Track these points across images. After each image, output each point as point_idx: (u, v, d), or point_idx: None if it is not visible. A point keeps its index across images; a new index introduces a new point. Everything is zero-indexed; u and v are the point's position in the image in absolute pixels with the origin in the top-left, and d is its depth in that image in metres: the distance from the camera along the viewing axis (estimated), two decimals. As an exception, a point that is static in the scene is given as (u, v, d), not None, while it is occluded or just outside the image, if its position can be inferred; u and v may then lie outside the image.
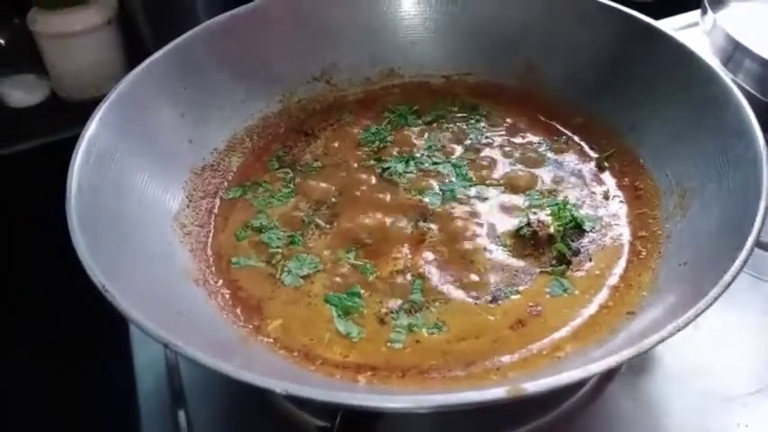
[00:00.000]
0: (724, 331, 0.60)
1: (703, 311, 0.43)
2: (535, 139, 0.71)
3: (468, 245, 0.61)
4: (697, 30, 0.88)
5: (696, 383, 0.57)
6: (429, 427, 0.57)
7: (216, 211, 0.66)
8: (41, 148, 0.98)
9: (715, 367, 0.58)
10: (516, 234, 0.61)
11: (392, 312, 0.56)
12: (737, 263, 0.46)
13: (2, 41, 1.04)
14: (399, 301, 0.57)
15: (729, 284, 0.45)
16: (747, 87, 0.79)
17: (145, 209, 0.60)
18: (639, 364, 0.59)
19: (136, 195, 0.60)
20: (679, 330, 0.42)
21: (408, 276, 0.58)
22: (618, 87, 0.69)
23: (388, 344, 0.54)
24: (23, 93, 1.05)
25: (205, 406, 0.59)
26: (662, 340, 0.42)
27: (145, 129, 0.63)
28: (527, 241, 0.60)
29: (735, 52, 0.82)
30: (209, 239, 0.63)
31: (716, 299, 0.44)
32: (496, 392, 0.40)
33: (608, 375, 0.58)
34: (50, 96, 1.06)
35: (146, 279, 0.53)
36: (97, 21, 1.00)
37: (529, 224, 0.61)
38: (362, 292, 0.57)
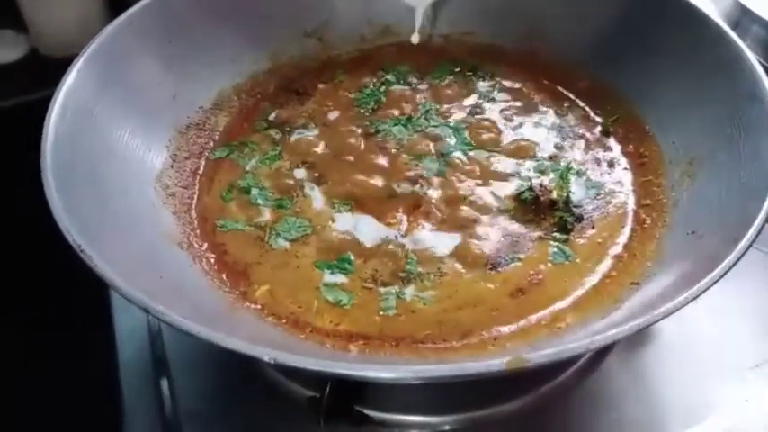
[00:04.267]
0: (725, 304, 0.58)
1: (715, 283, 0.41)
2: (538, 102, 0.69)
3: (466, 210, 0.58)
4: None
5: (696, 357, 0.56)
6: (421, 398, 0.55)
7: (201, 171, 0.63)
8: (21, 106, 0.94)
9: (715, 341, 0.57)
10: (517, 198, 0.59)
11: (385, 280, 0.54)
12: (750, 234, 0.44)
13: (-22, -6, 0.99)
14: (393, 269, 0.54)
15: (740, 258, 0.43)
16: (755, 54, 0.76)
17: (126, 168, 0.57)
18: (638, 337, 0.57)
19: (116, 154, 0.57)
20: (689, 302, 0.40)
21: (403, 242, 0.56)
22: (624, 51, 0.66)
23: (381, 312, 0.52)
24: (1, 50, 1.01)
25: (189, 374, 0.57)
26: (670, 313, 0.40)
27: (126, 83, 0.60)
28: (528, 206, 0.58)
29: (742, 18, 0.80)
30: (194, 201, 0.61)
31: (724, 273, 0.42)
32: (495, 364, 0.38)
33: (606, 348, 0.56)
34: (30, 53, 1.02)
35: (126, 242, 0.51)
36: (78, -27, 0.96)
37: (531, 188, 0.59)
38: (353, 258, 0.55)
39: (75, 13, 0.97)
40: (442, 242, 0.56)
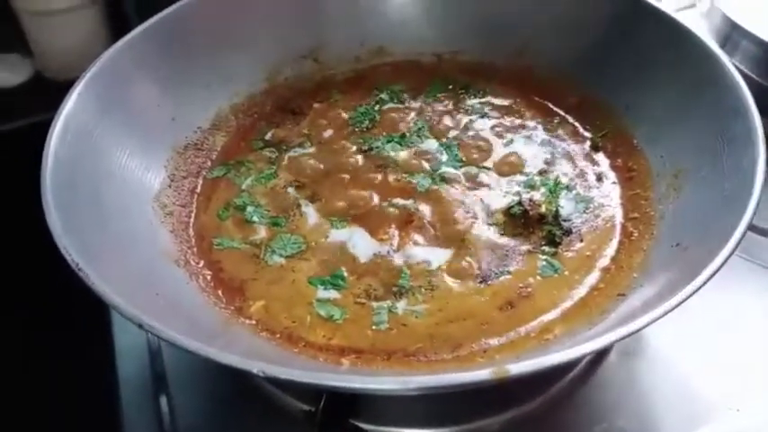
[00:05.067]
0: (716, 315, 0.59)
1: (693, 293, 0.42)
2: (528, 118, 0.70)
3: (457, 225, 0.59)
4: (694, 11, 0.86)
5: (686, 368, 0.57)
6: (415, 412, 0.56)
7: (198, 190, 0.64)
8: (25, 128, 0.96)
9: (706, 351, 0.58)
10: (507, 212, 0.60)
11: (377, 295, 0.55)
12: (730, 244, 0.44)
13: (-16, 20, 1.02)
14: (385, 284, 0.55)
15: (721, 267, 0.44)
16: (745, 69, 0.77)
17: (125, 188, 0.58)
18: (629, 348, 0.57)
19: (116, 174, 0.58)
20: (668, 312, 0.41)
21: (395, 258, 0.57)
22: (612, 67, 0.68)
23: (374, 326, 0.53)
24: (7, 73, 1.03)
25: (188, 391, 0.58)
26: (650, 323, 0.41)
27: (125, 105, 0.62)
28: (517, 220, 0.59)
29: (732, 33, 0.80)
30: (191, 220, 0.62)
31: (706, 281, 0.43)
32: (481, 374, 0.38)
33: (597, 359, 0.57)
34: (34, 76, 1.04)
35: (124, 260, 0.52)
36: (82, -1, 0.98)
37: (520, 203, 0.60)
38: (347, 274, 0.56)
39: (78, 38, 0.99)
40: (433, 256, 0.57)
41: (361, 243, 0.59)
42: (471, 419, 0.54)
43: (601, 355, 0.57)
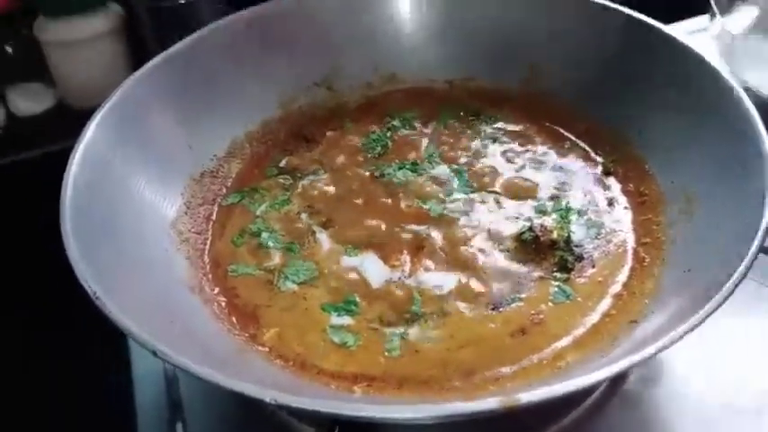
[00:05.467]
0: (732, 340, 0.58)
1: (705, 319, 0.42)
2: (539, 143, 0.70)
3: (469, 251, 0.60)
4: (705, 35, 0.86)
5: (703, 395, 0.56)
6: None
7: (214, 217, 0.65)
8: (47, 156, 0.98)
9: (723, 377, 0.57)
10: (518, 238, 0.60)
11: (390, 321, 0.55)
12: (741, 269, 0.44)
13: (9, 50, 1.05)
14: (398, 310, 0.56)
15: (732, 292, 0.43)
16: (757, 92, 0.77)
17: (142, 216, 0.59)
18: (645, 376, 0.57)
19: (133, 202, 0.59)
20: (679, 339, 0.41)
21: (407, 284, 0.57)
22: (623, 92, 0.68)
23: (386, 353, 0.53)
24: (30, 101, 1.06)
25: (204, 418, 0.58)
26: (661, 350, 0.41)
27: (143, 134, 0.63)
28: (529, 246, 0.59)
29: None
30: (207, 247, 0.63)
31: (717, 307, 0.43)
32: (490, 403, 0.39)
33: (612, 387, 0.56)
34: (57, 105, 1.06)
35: (140, 287, 0.53)
36: (103, 29, 1.00)
37: (531, 229, 0.60)
38: (359, 300, 0.56)
39: (99, 67, 1.01)
40: (445, 282, 0.57)
41: (373, 269, 0.59)
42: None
43: (616, 382, 0.56)
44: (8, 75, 1.05)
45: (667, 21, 0.68)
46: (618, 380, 0.56)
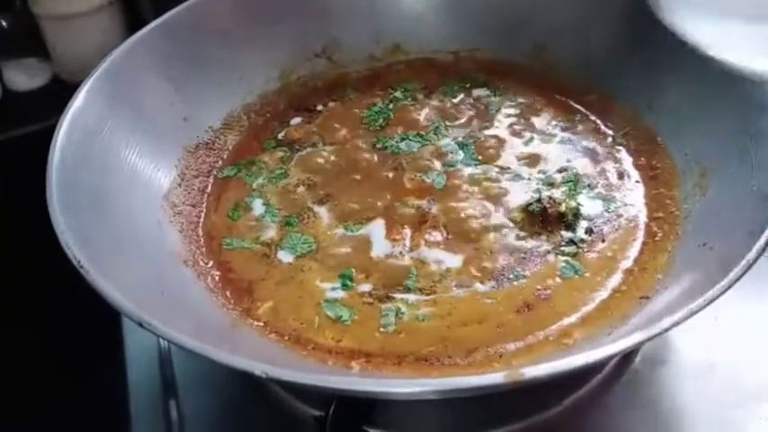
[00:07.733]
0: (744, 322, 0.56)
1: (720, 295, 0.40)
2: (548, 116, 0.68)
3: (473, 225, 0.57)
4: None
5: (713, 375, 0.54)
6: (428, 419, 0.54)
7: (209, 190, 0.63)
8: (44, 131, 0.96)
9: (734, 358, 0.55)
10: (525, 210, 0.58)
11: (385, 295, 0.53)
12: (759, 244, 0.42)
13: (4, 24, 1.03)
14: (394, 284, 0.53)
15: (750, 267, 0.41)
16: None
17: (134, 187, 0.58)
18: (655, 354, 0.55)
19: (124, 173, 0.57)
20: (692, 315, 0.39)
21: (407, 258, 0.55)
22: (633, 64, 0.65)
23: (381, 328, 0.51)
24: (26, 76, 1.05)
25: (198, 396, 0.57)
26: (672, 326, 0.39)
27: (136, 104, 0.61)
28: (536, 218, 0.57)
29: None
30: (201, 219, 0.61)
31: (734, 282, 0.41)
32: (495, 377, 0.37)
33: (621, 365, 0.54)
34: (52, 80, 1.05)
35: (130, 259, 0.51)
36: (100, 2, 0.99)
37: (539, 200, 0.57)
38: (356, 273, 0.54)
39: (95, 41, 1.00)
40: (447, 257, 0.55)
41: (373, 243, 0.57)
42: (486, 428, 0.51)
43: (625, 360, 0.54)
44: (3, 49, 1.03)
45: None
46: (626, 358, 0.54)
